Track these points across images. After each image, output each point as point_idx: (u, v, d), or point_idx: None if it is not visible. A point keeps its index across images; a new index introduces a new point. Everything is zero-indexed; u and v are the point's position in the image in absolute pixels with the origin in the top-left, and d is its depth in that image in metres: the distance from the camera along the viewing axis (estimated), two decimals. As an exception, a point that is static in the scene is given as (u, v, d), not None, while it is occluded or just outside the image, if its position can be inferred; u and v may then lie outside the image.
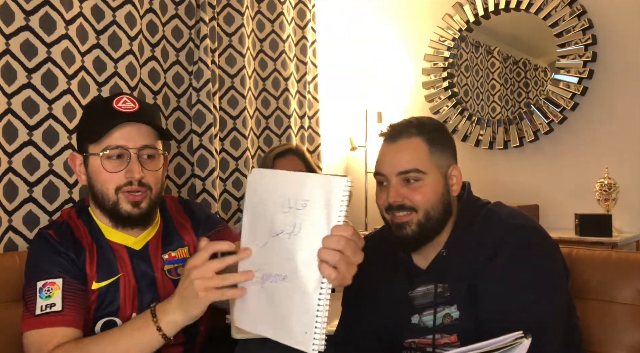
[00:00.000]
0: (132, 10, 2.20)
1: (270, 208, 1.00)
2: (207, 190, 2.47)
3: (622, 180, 2.61)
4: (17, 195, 1.87)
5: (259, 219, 1.02)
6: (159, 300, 1.32)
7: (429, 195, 1.23)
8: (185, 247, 1.42)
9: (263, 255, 1.00)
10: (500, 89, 3.17)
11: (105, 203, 1.29)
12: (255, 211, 1.03)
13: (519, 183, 3.03)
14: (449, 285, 1.24)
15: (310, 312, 0.93)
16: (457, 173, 1.28)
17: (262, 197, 1.02)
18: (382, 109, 3.48)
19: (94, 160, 1.28)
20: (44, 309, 1.20)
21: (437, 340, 1.24)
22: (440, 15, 3.28)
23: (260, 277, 1.00)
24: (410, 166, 1.23)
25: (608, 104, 2.78)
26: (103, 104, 1.32)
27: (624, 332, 1.42)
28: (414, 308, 1.28)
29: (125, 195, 1.27)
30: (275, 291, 0.98)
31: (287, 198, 0.98)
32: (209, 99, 2.45)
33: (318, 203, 0.95)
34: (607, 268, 1.48)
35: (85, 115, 1.39)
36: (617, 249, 2.34)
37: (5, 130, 1.85)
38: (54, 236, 1.30)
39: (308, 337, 0.92)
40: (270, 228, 1.00)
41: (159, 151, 1.32)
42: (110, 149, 1.26)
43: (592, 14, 2.80)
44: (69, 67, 1.99)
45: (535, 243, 1.22)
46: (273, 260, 0.99)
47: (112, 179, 1.26)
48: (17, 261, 1.65)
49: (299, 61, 2.99)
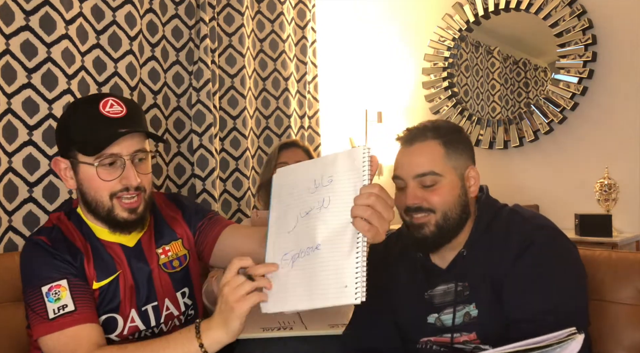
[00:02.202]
0: (132, 10, 2.20)
1: (297, 195, 1.06)
2: (207, 190, 2.47)
3: (622, 180, 2.62)
4: (17, 195, 1.87)
5: (287, 211, 1.07)
6: (155, 295, 1.36)
7: (446, 196, 1.25)
8: (179, 239, 1.42)
9: (292, 239, 1.05)
10: (500, 89, 3.18)
11: (99, 210, 1.28)
12: (281, 205, 1.09)
13: (519, 183, 3.03)
14: (469, 284, 1.26)
15: (349, 268, 0.98)
16: (474, 174, 1.30)
17: (288, 190, 1.08)
18: (382, 109, 3.48)
19: (87, 168, 1.25)
20: (57, 312, 1.20)
21: (456, 338, 1.26)
22: (440, 15, 3.28)
23: (290, 259, 1.04)
24: (426, 169, 1.25)
25: (608, 104, 2.78)
26: (90, 110, 1.25)
27: (624, 332, 1.42)
28: (431, 308, 1.30)
29: (120, 203, 1.26)
30: (307, 263, 1.02)
31: (313, 181, 1.05)
32: (209, 99, 2.45)
33: (343, 175, 1.02)
34: (607, 268, 1.48)
35: (70, 121, 1.28)
36: (617, 249, 2.34)
37: (5, 130, 1.85)
38: (47, 241, 1.28)
39: (349, 289, 0.97)
40: (298, 212, 1.05)
41: (148, 153, 1.31)
42: (104, 158, 1.24)
43: (592, 14, 2.80)
44: (69, 67, 1.99)
45: (560, 243, 1.25)
46: (303, 238, 1.04)
47: (106, 187, 1.25)
48: (17, 261, 1.63)
49: (299, 61, 2.99)
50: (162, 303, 1.36)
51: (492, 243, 1.26)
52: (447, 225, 1.25)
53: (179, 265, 1.40)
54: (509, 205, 1.34)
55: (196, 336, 1.07)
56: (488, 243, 1.26)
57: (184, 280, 1.41)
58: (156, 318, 1.35)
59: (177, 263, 1.40)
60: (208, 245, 1.43)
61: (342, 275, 0.98)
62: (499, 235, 1.26)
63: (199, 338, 1.07)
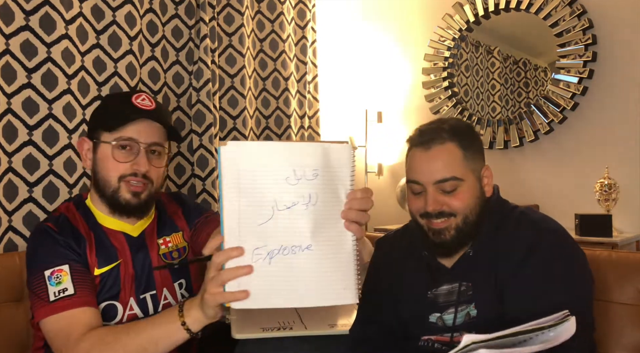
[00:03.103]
0: (132, 10, 2.20)
1: (270, 183, 0.99)
2: (207, 190, 2.47)
3: (622, 180, 2.61)
4: (17, 195, 1.87)
5: (255, 199, 1.00)
6: (153, 284, 1.42)
7: (467, 200, 1.23)
8: (180, 231, 1.51)
9: (265, 232, 1.00)
10: (500, 89, 3.17)
11: (106, 190, 1.35)
12: (245, 190, 1.00)
13: (519, 183, 3.03)
14: (472, 284, 1.25)
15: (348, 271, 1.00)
16: (488, 174, 1.29)
17: (251, 173, 0.99)
18: (382, 109, 3.48)
19: (105, 148, 1.34)
20: (57, 295, 1.26)
21: (457, 337, 1.25)
22: (440, 15, 3.28)
23: (266, 254, 1.00)
24: (447, 174, 1.22)
25: (608, 104, 2.77)
26: (122, 98, 1.39)
27: (624, 332, 1.42)
28: (435, 306, 1.29)
29: (127, 185, 1.34)
30: (296, 261, 1.00)
31: (292, 170, 0.99)
32: (209, 99, 2.45)
33: (329, 172, 1.00)
34: (607, 268, 1.48)
35: (102, 105, 1.46)
36: (617, 249, 2.34)
37: (5, 130, 1.85)
38: (53, 227, 1.35)
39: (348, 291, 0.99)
40: (274, 202, 0.99)
41: (165, 149, 1.41)
42: (122, 140, 1.33)
43: (592, 14, 2.80)
44: (69, 67, 1.99)
45: (568, 247, 1.23)
46: (285, 234, 1.00)
47: (118, 168, 1.34)
48: (17, 261, 1.65)
49: (299, 61, 2.99)
50: (160, 292, 1.42)
51: (499, 244, 1.24)
52: (467, 228, 1.24)
53: (177, 257, 1.47)
54: (521, 207, 1.32)
55: (179, 314, 1.13)
56: (495, 244, 1.25)
57: (182, 271, 1.47)
58: (154, 307, 1.40)
59: (176, 254, 1.47)
60: (201, 241, 1.47)
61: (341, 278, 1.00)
62: (506, 236, 1.24)
63: (181, 316, 1.12)
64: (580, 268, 1.22)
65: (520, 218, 1.27)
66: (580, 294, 1.18)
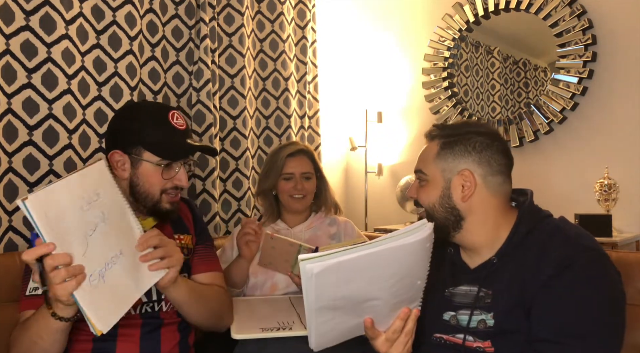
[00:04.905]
0: (132, 10, 2.20)
1: (71, 217, 1.09)
2: (207, 190, 2.47)
3: (622, 180, 2.61)
4: (17, 195, 1.87)
5: (67, 235, 1.08)
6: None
7: (429, 198, 1.28)
8: (190, 235, 1.60)
9: (93, 257, 1.11)
10: (500, 89, 3.17)
11: (147, 201, 1.44)
12: (57, 231, 1.06)
13: (519, 184, 3.02)
14: (492, 293, 1.22)
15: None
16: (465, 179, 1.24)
17: (56, 215, 1.06)
18: (382, 109, 3.48)
19: (149, 166, 1.42)
20: (30, 291, 1.35)
21: (470, 342, 1.23)
22: (440, 15, 3.28)
23: (98, 275, 1.12)
24: (418, 167, 1.31)
25: (608, 104, 2.77)
26: (160, 118, 1.43)
27: (624, 332, 1.42)
28: (450, 305, 1.28)
29: (167, 196, 1.46)
30: (119, 266, 1.18)
31: (82, 198, 1.12)
32: (209, 99, 2.45)
33: (103, 187, 1.19)
34: (607, 268, 1.47)
35: (140, 123, 1.43)
36: (617, 249, 2.34)
37: (5, 130, 1.85)
38: None
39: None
40: (83, 232, 1.11)
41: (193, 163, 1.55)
42: (165, 161, 1.44)
43: (592, 14, 2.80)
44: (69, 67, 1.99)
45: (603, 267, 1.16)
46: (103, 252, 1.14)
47: (161, 183, 1.44)
48: (17, 261, 1.65)
49: (299, 61, 2.99)
50: None
51: (527, 257, 1.19)
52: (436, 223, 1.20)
53: (185, 255, 1.51)
54: (554, 218, 1.27)
55: (47, 307, 1.18)
56: (522, 256, 1.21)
57: (185, 267, 1.51)
58: (157, 293, 1.44)
59: (185, 251, 1.53)
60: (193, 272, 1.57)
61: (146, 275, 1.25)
62: (536, 249, 1.19)
63: (49, 308, 1.17)
64: (612, 292, 1.15)
65: (553, 231, 1.21)
66: (608, 321, 1.12)
